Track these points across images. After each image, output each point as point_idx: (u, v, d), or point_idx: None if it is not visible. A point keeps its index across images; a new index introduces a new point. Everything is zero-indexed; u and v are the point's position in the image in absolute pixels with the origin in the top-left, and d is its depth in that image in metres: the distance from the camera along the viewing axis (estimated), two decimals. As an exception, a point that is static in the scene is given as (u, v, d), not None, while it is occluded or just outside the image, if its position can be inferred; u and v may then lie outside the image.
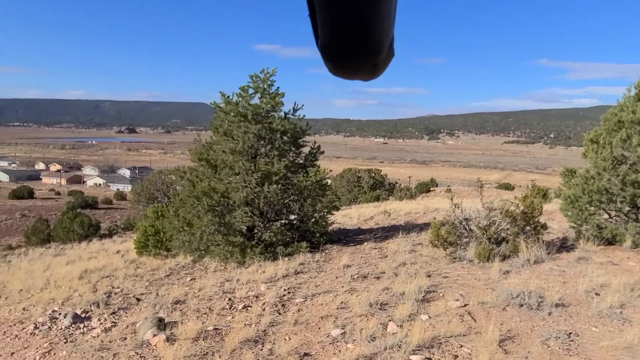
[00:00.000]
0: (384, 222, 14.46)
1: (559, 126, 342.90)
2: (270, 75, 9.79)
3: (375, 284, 6.29)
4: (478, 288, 5.80)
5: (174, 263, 9.82)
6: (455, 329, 4.46)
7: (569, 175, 11.21)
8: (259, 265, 8.30)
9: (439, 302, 5.27)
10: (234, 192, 8.85)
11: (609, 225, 7.74)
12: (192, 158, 9.76)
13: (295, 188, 9.34)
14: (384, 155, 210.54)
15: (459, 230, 7.51)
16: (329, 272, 7.45)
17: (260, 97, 9.62)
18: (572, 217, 8.33)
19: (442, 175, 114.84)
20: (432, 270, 6.86)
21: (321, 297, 5.91)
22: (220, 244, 8.93)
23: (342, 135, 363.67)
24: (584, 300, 5.15)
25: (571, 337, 4.22)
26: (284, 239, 9.18)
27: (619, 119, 7.72)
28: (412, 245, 8.91)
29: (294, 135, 9.69)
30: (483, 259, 6.87)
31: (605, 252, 7.29)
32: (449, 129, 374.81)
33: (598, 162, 7.79)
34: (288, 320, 5.11)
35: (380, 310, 5.12)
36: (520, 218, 7.13)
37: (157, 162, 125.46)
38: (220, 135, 9.63)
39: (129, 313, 6.47)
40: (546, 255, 6.94)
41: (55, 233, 25.20)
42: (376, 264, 7.60)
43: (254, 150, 9.34)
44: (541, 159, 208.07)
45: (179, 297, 6.69)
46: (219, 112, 9.59)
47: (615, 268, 6.37)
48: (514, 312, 4.87)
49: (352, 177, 37.74)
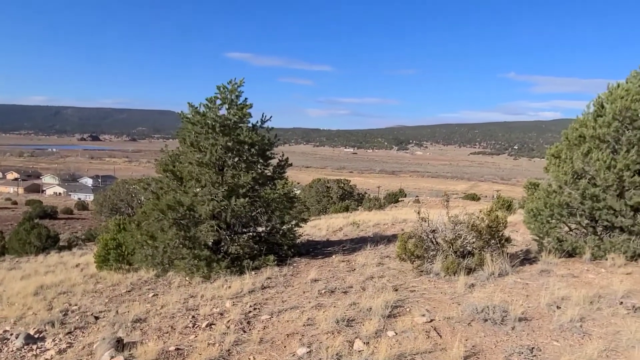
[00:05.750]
0: (353, 234, 14.47)
1: (522, 138, 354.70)
2: (238, 85, 9.68)
3: (342, 299, 6.23)
4: (444, 302, 5.82)
5: (136, 278, 9.49)
6: (421, 345, 4.44)
7: (532, 189, 11.53)
8: (225, 280, 8.11)
9: (405, 318, 5.25)
10: (200, 205, 8.65)
11: (569, 238, 7.97)
12: (158, 169, 9.51)
13: (263, 200, 9.22)
14: (354, 165, 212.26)
15: (426, 243, 7.56)
16: (297, 286, 7.35)
17: (228, 108, 9.49)
18: (535, 229, 8.53)
19: (411, 185, 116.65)
20: (399, 284, 6.86)
21: (288, 313, 5.80)
22: (185, 258, 8.69)
23: (312, 144, 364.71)
24: (546, 314, 5.23)
25: (533, 352, 4.26)
26: (251, 252, 9.03)
27: (580, 134, 7.99)
28: (380, 258, 8.91)
29: (262, 147, 9.59)
30: (449, 272, 6.93)
31: (566, 264, 7.47)
32: (417, 140, 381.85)
33: (559, 176, 8.02)
34: (253, 339, 4.98)
35: (347, 327, 5.05)
36: (485, 232, 7.24)
37: (122, 171, 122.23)
38: (187, 147, 9.42)
39: (86, 333, 6.19)
40: (510, 269, 7.05)
41: (10, 245, 24.00)
42: (344, 278, 7.55)
43: (222, 162, 9.18)
44: (506, 169, 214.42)
45: (140, 315, 6.44)
46: (186, 123, 9.40)
47: (575, 280, 6.53)
48: (478, 327, 4.90)
49: (321, 187, 37.79)
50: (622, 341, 4.38)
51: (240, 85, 9.72)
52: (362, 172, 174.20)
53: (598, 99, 8.07)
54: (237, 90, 9.66)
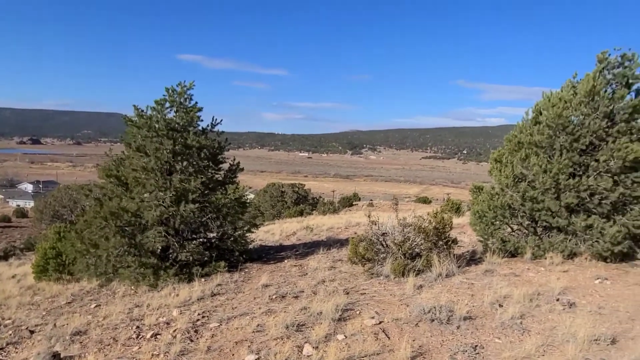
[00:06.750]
0: (306, 238, 14.46)
1: (471, 143, 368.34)
2: (188, 88, 9.45)
3: (293, 303, 6.19)
4: (393, 304, 5.91)
5: (78, 288, 9.02)
6: (370, 347, 4.47)
7: (477, 192, 11.98)
8: (173, 288, 7.86)
9: (355, 321, 5.27)
10: (146, 211, 8.35)
11: (512, 238, 8.33)
12: (100, 175, 9.09)
13: (213, 206, 9.02)
14: (309, 169, 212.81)
15: (376, 246, 7.66)
16: (247, 292, 7.23)
17: (176, 112, 9.24)
18: (480, 231, 8.86)
19: (365, 189, 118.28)
20: (350, 287, 6.90)
21: (237, 320, 5.69)
22: (130, 266, 8.36)
23: (267, 149, 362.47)
24: (489, 312, 5.42)
25: (477, 350, 4.40)
26: (202, 259, 8.80)
27: (519, 140, 8.39)
28: (332, 262, 8.94)
29: (212, 151, 9.39)
30: (399, 274, 7.05)
31: (509, 264, 7.80)
32: (371, 144, 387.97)
33: (501, 179, 8.38)
34: (200, 348, 4.84)
35: (297, 332, 5.02)
36: (432, 234, 7.42)
37: (65, 176, 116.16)
38: (133, 151, 9.08)
39: (20, 348, 5.81)
40: (457, 269, 7.27)
41: (-61, 256, 22.25)
42: (295, 283, 7.50)
43: (169, 167, 8.91)
44: (456, 173, 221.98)
45: (80, 328, 6.12)
46: (131, 127, 9.05)
47: (517, 279, 6.82)
48: (426, 328, 5.00)
49: (275, 192, 37.58)
50: (557, 336, 4.60)
51: (190, 88, 9.50)
52: (317, 177, 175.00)
53: (536, 107, 8.50)
54: (186, 93, 9.43)
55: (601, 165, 7.32)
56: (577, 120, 7.71)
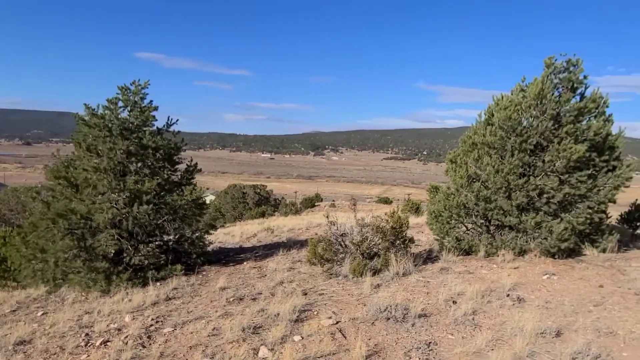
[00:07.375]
0: (267, 240, 14.35)
1: (430, 144, 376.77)
2: (143, 87, 9.17)
3: (251, 305, 6.11)
4: (351, 304, 5.94)
5: (24, 295, 8.57)
6: (326, 348, 4.48)
7: (434, 192, 12.25)
8: (126, 293, 7.60)
9: (312, 321, 5.27)
10: (98, 214, 8.03)
11: (466, 237, 8.56)
12: (49, 176, 8.68)
13: (169, 207, 8.79)
14: (271, 170, 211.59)
15: (335, 246, 7.69)
16: (204, 296, 7.09)
17: (130, 111, 8.94)
18: (436, 230, 9.07)
19: (327, 190, 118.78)
20: (309, 287, 6.89)
21: (192, 324, 5.57)
22: (80, 271, 8.01)
23: (229, 150, 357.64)
24: (443, 309, 5.55)
25: (430, 347, 4.49)
26: (157, 262, 8.54)
27: (473, 141, 8.64)
28: (292, 263, 8.91)
29: (168, 151, 9.16)
30: (357, 274, 7.10)
31: (464, 261, 8.01)
32: (333, 145, 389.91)
33: (456, 179, 8.60)
34: (153, 354, 4.71)
35: (253, 334, 4.96)
36: (390, 233, 7.53)
37: (13, 178, 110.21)
38: (83, 151, 8.71)
39: (-43, 361, 5.44)
40: (413, 268, 7.41)
41: None
42: (254, 285, 7.42)
43: (122, 167, 8.61)
44: (416, 174, 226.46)
45: (24, 337, 5.80)
46: (81, 126, 8.70)
47: (470, 277, 7.02)
48: (381, 326, 5.05)
49: (237, 193, 37.15)
50: (507, 331, 4.77)
51: (144, 87, 9.21)
52: (280, 177, 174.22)
53: (489, 109, 8.79)
54: (141, 92, 9.14)
55: (547, 165, 7.65)
56: (526, 122, 8.03)
